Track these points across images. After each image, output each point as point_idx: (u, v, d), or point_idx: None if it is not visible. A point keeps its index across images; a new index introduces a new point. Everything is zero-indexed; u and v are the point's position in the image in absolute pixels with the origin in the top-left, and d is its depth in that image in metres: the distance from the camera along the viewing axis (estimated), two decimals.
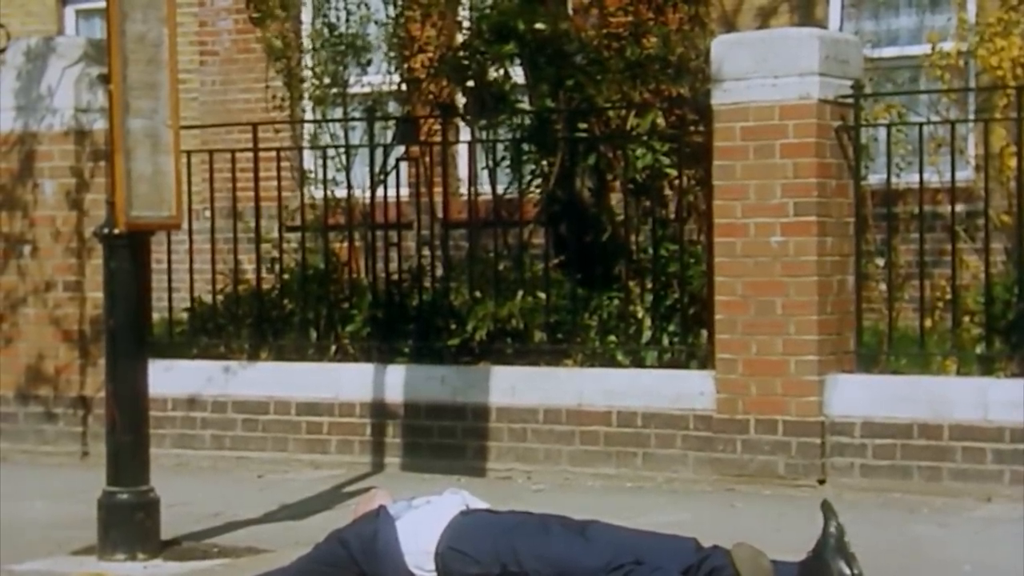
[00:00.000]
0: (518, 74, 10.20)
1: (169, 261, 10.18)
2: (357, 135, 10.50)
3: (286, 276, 10.21)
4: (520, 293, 9.41)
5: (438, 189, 10.13)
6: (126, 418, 6.93)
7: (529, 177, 10.08)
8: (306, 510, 8.00)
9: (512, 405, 9.09)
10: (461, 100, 10.54)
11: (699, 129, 9.27)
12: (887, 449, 8.16)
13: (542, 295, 9.36)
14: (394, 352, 9.57)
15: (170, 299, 10.23)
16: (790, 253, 8.35)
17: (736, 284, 8.47)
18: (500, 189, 10.02)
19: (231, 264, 10.39)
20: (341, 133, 10.53)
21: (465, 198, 10.09)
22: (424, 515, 5.82)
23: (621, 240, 9.71)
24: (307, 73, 10.96)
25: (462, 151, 11.21)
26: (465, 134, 10.51)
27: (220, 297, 10.32)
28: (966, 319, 8.65)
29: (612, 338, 9.18)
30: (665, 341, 9.10)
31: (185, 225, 8.13)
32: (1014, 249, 8.62)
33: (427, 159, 10.16)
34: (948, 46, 10.09)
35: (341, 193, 10.16)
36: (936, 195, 9.22)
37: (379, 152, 10.11)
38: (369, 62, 10.87)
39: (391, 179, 10.02)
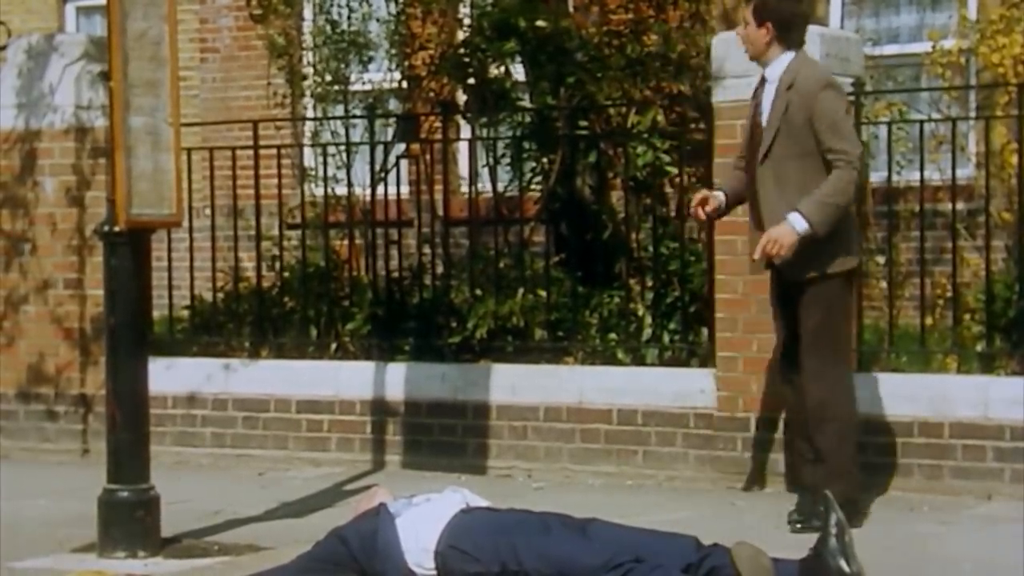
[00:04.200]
0: (519, 72, 10.21)
1: (169, 259, 10.19)
2: (358, 132, 10.51)
3: (286, 274, 10.21)
4: (521, 291, 9.41)
5: (439, 187, 10.13)
6: (126, 416, 6.94)
7: (530, 175, 10.09)
8: (306, 508, 8.01)
9: (513, 403, 9.09)
10: (462, 98, 10.55)
11: (700, 127, 9.27)
12: (887, 447, 8.16)
13: (543, 293, 9.36)
14: (394, 350, 9.57)
15: (170, 297, 10.24)
16: None
17: (737, 282, 8.46)
18: (501, 187, 10.03)
19: (231, 262, 10.39)
20: (342, 130, 10.53)
21: (466, 196, 10.09)
22: (424, 513, 5.82)
23: (622, 238, 9.71)
24: (308, 70, 10.97)
25: (463, 149, 11.21)
26: (466, 132, 10.52)
27: (220, 295, 10.32)
28: (967, 317, 8.65)
29: (613, 336, 9.18)
30: (666, 339, 9.10)
31: (185, 223, 8.12)
32: (1015, 247, 8.62)
33: (428, 157, 10.16)
34: (949, 44, 10.10)
35: (342, 191, 10.16)
36: (937, 193, 9.22)
37: (380, 150, 10.12)
38: (370, 59, 10.88)
39: (392, 177, 10.03)
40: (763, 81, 7.34)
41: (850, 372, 7.48)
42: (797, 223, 6.96)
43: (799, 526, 7.18)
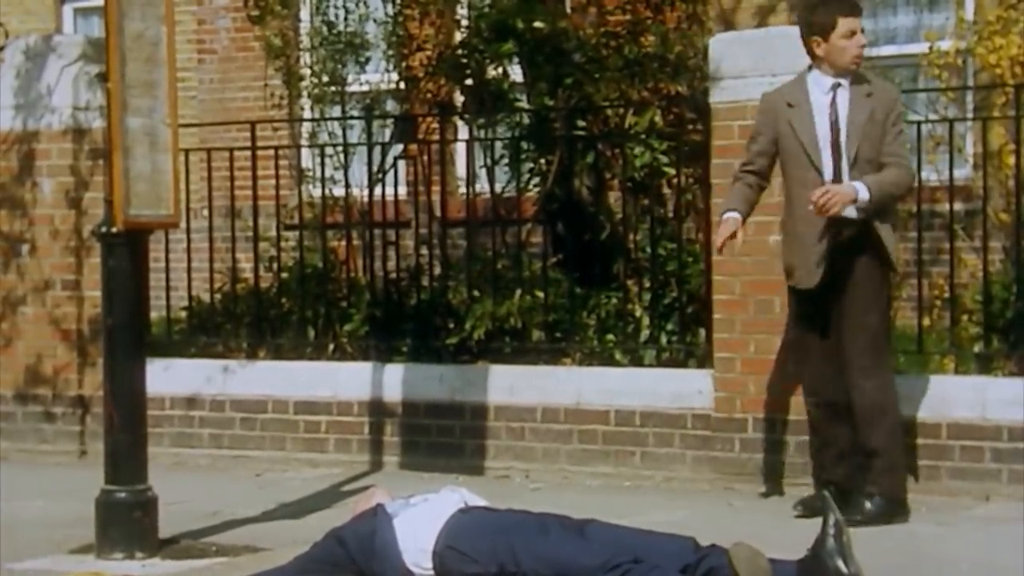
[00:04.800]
0: (516, 72, 10.21)
1: (167, 260, 10.18)
2: (355, 133, 10.51)
3: (284, 275, 10.21)
4: (518, 292, 9.41)
5: (436, 188, 10.12)
6: (124, 417, 6.93)
7: (527, 176, 10.09)
8: (304, 509, 8.00)
9: (510, 404, 9.09)
10: (459, 99, 10.55)
11: (697, 127, 9.27)
12: None
13: (540, 294, 9.36)
14: (392, 351, 9.57)
15: (168, 298, 10.23)
16: None
17: (734, 283, 8.46)
18: (498, 188, 10.02)
19: (229, 263, 10.38)
20: (339, 131, 10.53)
21: (463, 197, 10.09)
22: (422, 513, 5.82)
23: (619, 239, 9.71)
24: (306, 71, 10.96)
25: (460, 150, 11.22)
26: (463, 133, 10.52)
27: (218, 296, 10.32)
28: (964, 318, 8.65)
29: (610, 337, 9.18)
30: (663, 340, 9.10)
31: (183, 224, 8.13)
32: (1012, 248, 8.62)
33: (425, 158, 10.16)
34: (946, 45, 10.10)
35: (339, 192, 10.16)
36: (934, 193, 9.22)
37: (377, 150, 10.12)
38: (368, 60, 10.87)
39: (389, 178, 10.03)
40: (834, 88, 7.38)
41: (893, 370, 7.62)
42: (860, 189, 7.18)
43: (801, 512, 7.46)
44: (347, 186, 10.06)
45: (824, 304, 7.37)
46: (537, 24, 9.89)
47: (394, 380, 9.36)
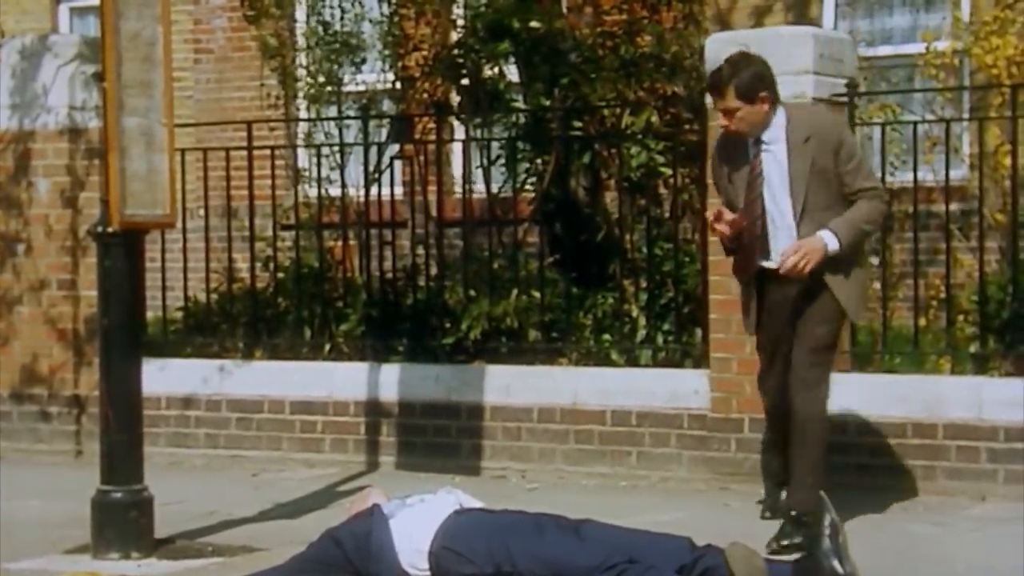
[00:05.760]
0: (513, 72, 10.21)
1: (163, 260, 10.18)
2: (352, 134, 10.50)
3: (280, 275, 10.21)
4: (514, 292, 9.41)
5: (432, 188, 10.12)
6: (120, 417, 6.93)
7: (524, 176, 10.09)
8: (300, 509, 8.00)
9: (507, 404, 9.09)
10: (456, 99, 10.55)
11: (694, 128, 9.27)
12: (881, 448, 8.16)
13: (537, 294, 9.36)
14: (388, 351, 9.57)
15: (164, 298, 10.22)
16: None
17: (731, 283, 8.42)
18: (495, 188, 10.02)
19: (225, 263, 10.37)
20: (336, 131, 10.52)
21: (460, 197, 10.09)
22: (418, 514, 5.82)
23: (616, 239, 9.71)
24: (301, 71, 10.96)
25: (457, 150, 11.20)
26: (460, 133, 10.51)
27: (214, 296, 10.32)
28: (960, 318, 8.65)
29: (607, 337, 9.19)
30: (660, 340, 9.10)
31: (179, 224, 8.13)
32: (1008, 248, 8.63)
33: (421, 158, 10.15)
34: (943, 45, 10.10)
35: (335, 192, 10.16)
36: (931, 194, 9.22)
37: (373, 151, 10.11)
38: (364, 60, 10.86)
39: (385, 178, 10.02)
40: (757, 143, 7.05)
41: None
42: (830, 241, 6.92)
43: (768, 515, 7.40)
44: (343, 186, 10.06)
45: (779, 317, 7.26)
46: (533, 24, 9.89)
47: (390, 380, 9.36)
